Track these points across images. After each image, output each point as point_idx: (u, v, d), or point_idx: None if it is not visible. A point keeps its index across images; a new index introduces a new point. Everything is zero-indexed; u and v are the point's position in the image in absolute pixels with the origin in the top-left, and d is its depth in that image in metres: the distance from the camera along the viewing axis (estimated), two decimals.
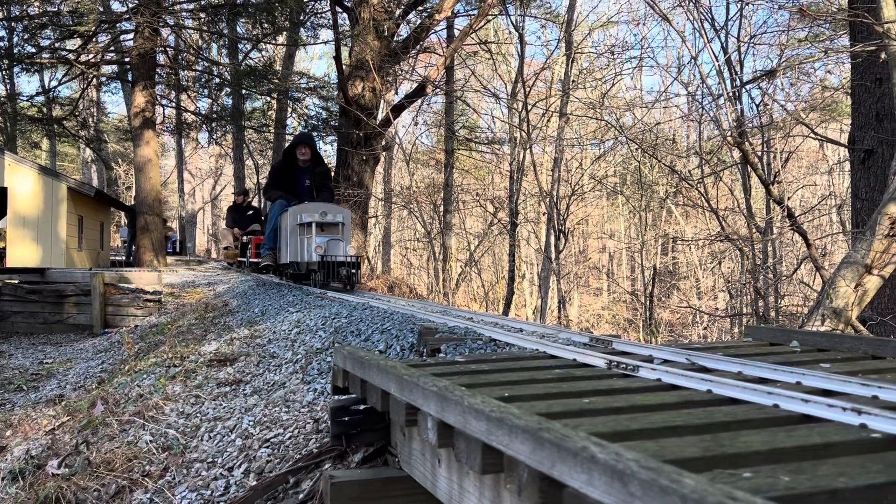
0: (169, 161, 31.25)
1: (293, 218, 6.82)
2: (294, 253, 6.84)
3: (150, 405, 3.31)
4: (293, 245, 6.86)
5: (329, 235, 6.53)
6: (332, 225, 6.69)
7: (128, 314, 8.78)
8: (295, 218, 6.79)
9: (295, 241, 6.83)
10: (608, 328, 19.53)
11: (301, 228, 6.73)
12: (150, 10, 12.97)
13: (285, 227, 7.19)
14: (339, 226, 6.71)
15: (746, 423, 1.41)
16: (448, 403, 1.41)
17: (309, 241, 6.59)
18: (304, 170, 7.71)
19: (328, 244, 6.41)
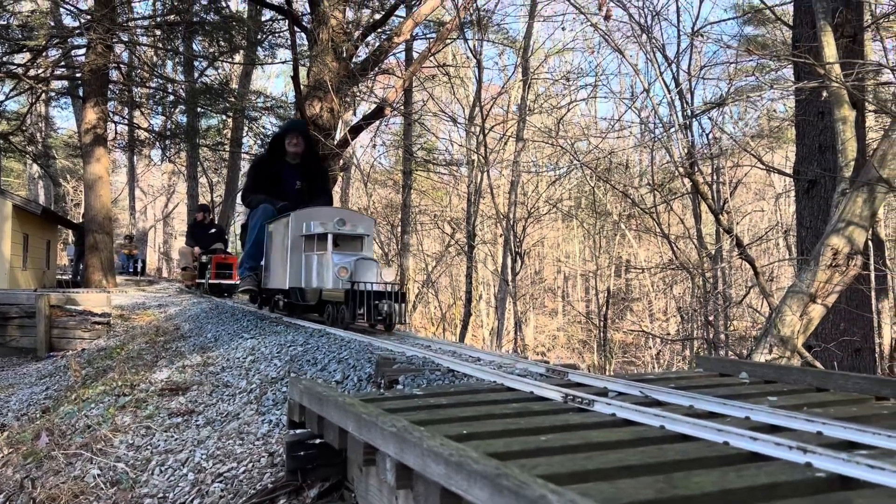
0: (120, 178, 30.61)
1: (295, 227, 5.12)
2: (295, 276, 5.17)
3: (99, 437, 3.22)
4: (294, 265, 5.18)
5: (350, 253, 4.83)
6: (351, 238, 4.99)
7: (75, 337, 8.52)
8: (298, 228, 5.12)
9: (297, 259, 5.16)
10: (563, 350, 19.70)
11: (307, 242, 5.09)
12: (104, 26, 12.75)
13: (277, 240, 5.56)
14: (360, 240, 5.03)
15: (698, 461, 1.44)
16: (407, 445, 1.41)
17: (322, 261, 4.87)
18: (295, 167, 6.14)
19: (356, 265, 4.60)
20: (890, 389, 2.18)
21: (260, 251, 5.91)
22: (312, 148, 6.24)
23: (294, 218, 5.13)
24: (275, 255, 5.68)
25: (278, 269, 5.51)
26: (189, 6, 14.44)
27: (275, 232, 5.66)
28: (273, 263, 5.73)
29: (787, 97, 8.46)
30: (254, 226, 5.92)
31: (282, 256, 5.39)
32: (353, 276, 4.50)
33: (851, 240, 4.11)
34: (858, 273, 4.21)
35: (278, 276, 5.51)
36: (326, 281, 4.76)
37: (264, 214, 5.85)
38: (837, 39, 5.10)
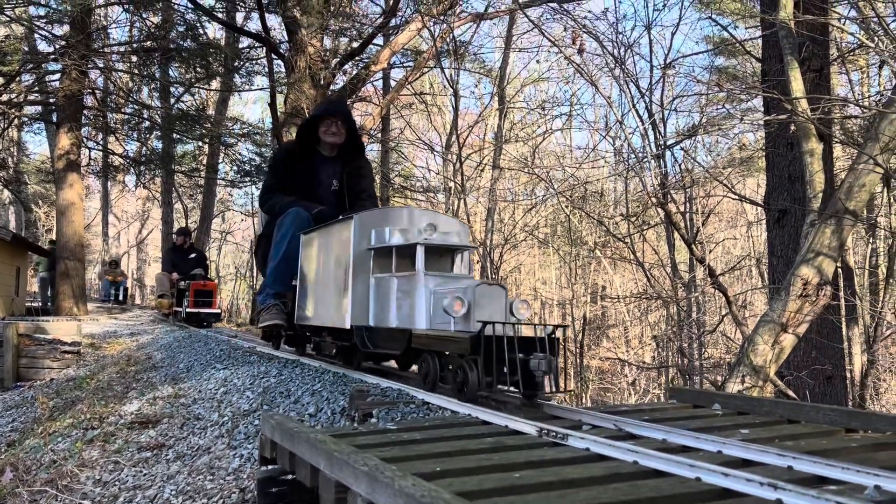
0: (93, 203, 30.25)
1: (358, 238, 3.50)
2: (360, 310, 3.48)
3: (65, 472, 3.14)
4: (358, 294, 3.49)
5: (447, 275, 3.31)
6: (441, 253, 3.43)
7: (43, 366, 8.34)
8: (363, 237, 3.50)
9: (362, 285, 3.50)
10: None
11: (379, 259, 3.47)
12: (79, 51, 12.69)
13: (322, 257, 3.95)
14: (452, 255, 3.51)
15: (671, 498, 1.44)
16: (378, 485, 1.40)
17: (410, 287, 3.24)
18: (332, 162, 4.66)
19: (476, 294, 2.96)
20: (859, 421, 2.21)
21: (290, 271, 4.32)
22: (356, 138, 4.67)
23: (358, 224, 3.45)
24: (318, 279, 3.95)
25: (326, 299, 3.77)
26: (166, 33, 14.43)
27: (317, 246, 3.98)
28: (315, 290, 3.98)
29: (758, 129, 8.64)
30: (282, 237, 4.30)
31: (334, 280, 3.67)
32: (473, 312, 2.85)
33: (821, 270, 4.18)
34: (828, 302, 4.27)
35: (326, 308, 3.78)
36: (418, 318, 3.12)
37: (296, 222, 4.27)
38: (804, 73, 5.24)
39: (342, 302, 3.58)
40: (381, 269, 3.49)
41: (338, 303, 3.66)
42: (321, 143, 4.66)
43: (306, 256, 4.25)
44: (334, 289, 3.72)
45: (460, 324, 2.90)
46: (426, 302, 3.15)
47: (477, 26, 13.47)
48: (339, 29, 13.60)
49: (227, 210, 28.04)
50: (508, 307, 2.96)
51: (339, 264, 3.67)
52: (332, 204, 4.61)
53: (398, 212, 3.71)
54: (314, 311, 4.06)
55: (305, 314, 4.21)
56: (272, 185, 4.71)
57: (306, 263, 4.27)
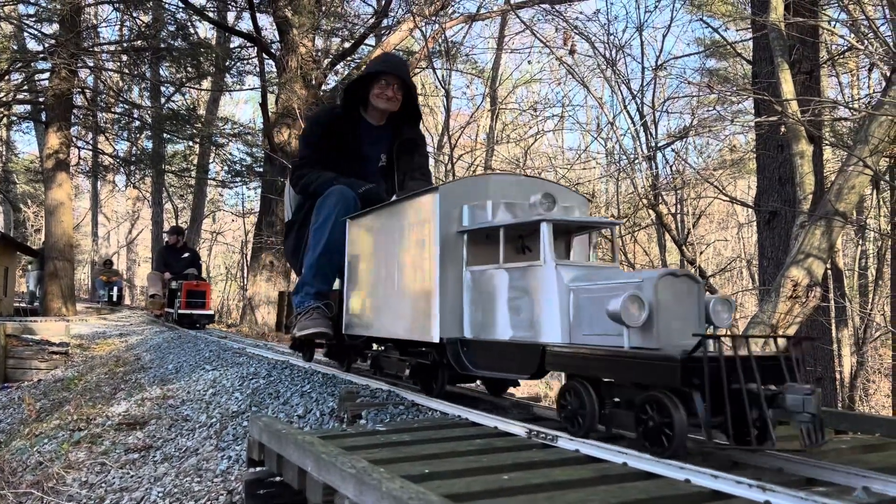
0: (83, 203, 30.10)
1: (444, 217, 2.60)
2: (452, 318, 2.56)
3: (51, 474, 3.11)
4: (449, 294, 2.57)
5: (590, 268, 2.32)
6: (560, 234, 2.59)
7: (31, 367, 8.27)
8: (448, 216, 2.61)
9: (454, 282, 2.59)
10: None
11: (474, 245, 2.60)
12: (69, 50, 12.63)
13: (386, 247, 2.98)
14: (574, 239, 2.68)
15: (660, 500, 1.44)
16: (366, 487, 1.38)
17: (530, 282, 2.31)
18: (381, 132, 3.84)
19: (658, 291, 1.96)
20: (848, 423, 2.21)
21: (333, 265, 3.47)
22: (414, 105, 3.84)
23: (444, 198, 2.56)
24: (378, 276, 3.02)
25: (395, 303, 2.85)
26: (156, 32, 14.38)
27: (374, 233, 3.09)
28: (375, 291, 3.05)
29: (749, 130, 8.68)
30: (323, 222, 3.43)
31: (407, 277, 2.77)
32: (656, 318, 1.93)
33: (810, 271, 4.19)
34: (818, 304, 4.29)
35: (396, 315, 2.85)
36: (547, 327, 2.19)
37: (340, 204, 3.41)
38: (795, 75, 5.26)
39: (424, 307, 2.59)
40: (478, 258, 2.54)
41: (416, 308, 2.67)
42: (369, 109, 3.78)
43: (356, 247, 3.27)
44: (408, 289, 2.74)
45: (636, 337, 1.90)
46: (562, 303, 2.17)
47: (469, 27, 13.49)
48: (331, 29, 13.58)
49: (218, 210, 27.97)
50: (704, 310, 2.01)
51: (416, 255, 2.69)
52: (379, 183, 3.75)
53: (494, 180, 2.73)
54: (374, 318, 3.03)
55: (359, 322, 3.20)
56: (307, 158, 3.76)
57: (357, 256, 3.26)
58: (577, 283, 2.19)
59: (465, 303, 2.55)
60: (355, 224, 3.33)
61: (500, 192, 2.66)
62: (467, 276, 2.56)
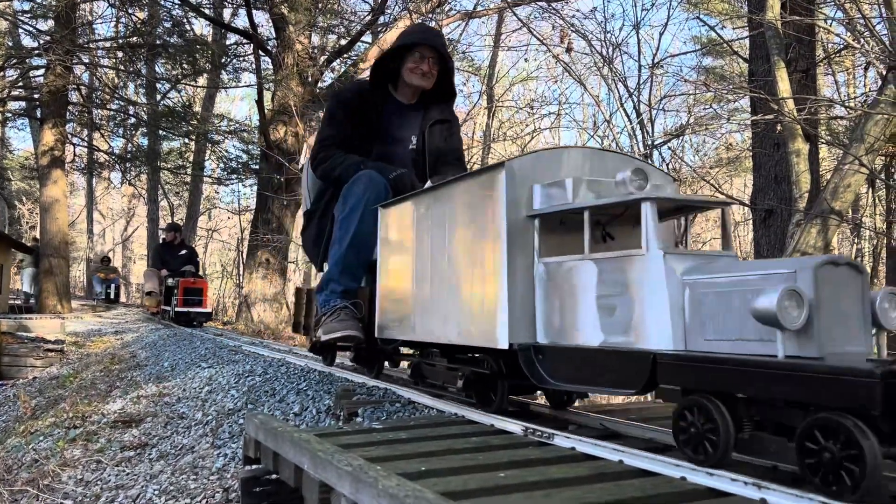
0: (78, 200, 30.02)
1: (511, 197, 2.12)
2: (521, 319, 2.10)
3: (46, 472, 3.11)
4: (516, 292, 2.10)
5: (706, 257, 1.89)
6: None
7: (26, 365, 8.26)
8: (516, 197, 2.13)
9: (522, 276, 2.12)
10: None
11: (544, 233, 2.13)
12: (64, 47, 12.58)
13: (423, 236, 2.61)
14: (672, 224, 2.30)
15: (656, 497, 1.44)
16: (362, 485, 1.38)
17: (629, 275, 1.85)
18: (413, 111, 3.47)
19: (818, 284, 1.52)
20: None
21: (362, 258, 3.09)
22: (449, 82, 3.47)
23: (512, 176, 2.14)
24: (423, 271, 2.59)
25: (446, 302, 2.43)
26: (152, 29, 14.34)
27: (416, 220, 2.65)
28: (419, 289, 2.60)
29: (745, 129, 8.69)
30: (350, 211, 3.03)
31: (463, 271, 2.35)
32: (817, 319, 1.51)
33: None
34: None
35: (447, 316, 2.42)
36: (654, 330, 1.80)
37: (370, 190, 3.02)
38: (791, 74, 5.27)
39: (486, 307, 2.16)
40: (552, 248, 2.11)
41: (474, 308, 2.23)
42: (399, 86, 3.41)
43: (391, 238, 2.84)
44: (463, 286, 2.29)
45: (792, 343, 1.51)
46: (673, 301, 1.76)
47: (466, 24, 13.48)
48: (327, 26, 13.56)
49: (214, 208, 27.92)
50: (870, 307, 1.60)
51: (474, 245, 2.24)
52: (408, 168, 3.34)
53: (571, 155, 2.26)
54: (416, 320, 2.56)
55: (396, 324, 2.73)
56: (330, 139, 3.34)
57: (392, 249, 2.83)
58: (694, 276, 1.76)
59: (538, 301, 2.10)
60: (389, 213, 2.86)
61: (576, 168, 2.24)
62: (540, 270, 2.11)
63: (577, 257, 2.00)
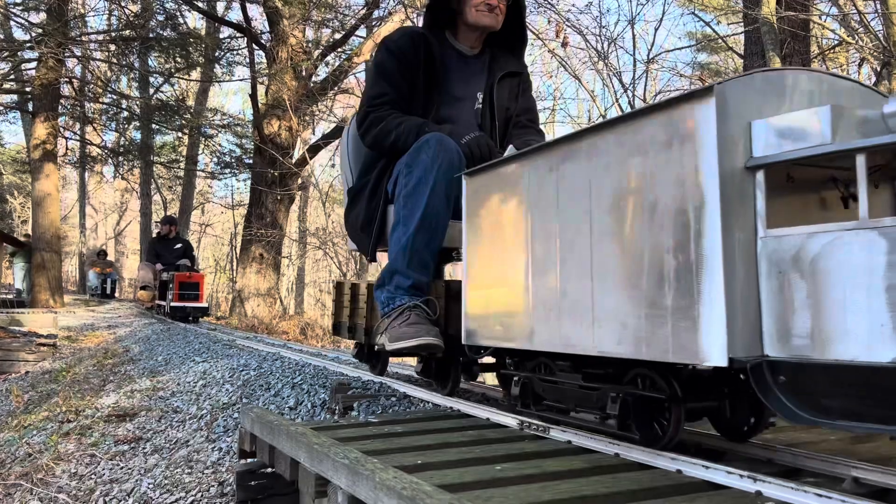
0: (70, 194, 29.88)
1: (723, 138, 1.37)
2: (746, 322, 1.36)
3: (40, 466, 3.10)
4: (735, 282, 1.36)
5: None
6: None
7: (18, 359, 8.22)
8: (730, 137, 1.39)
9: (743, 258, 1.38)
10: None
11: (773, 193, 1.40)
12: (56, 39, 12.50)
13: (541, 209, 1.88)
14: None
15: (652, 490, 1.44)
16: (359, 478, 1.38)
17: None
18: (474, 64, 2.89)
19: None
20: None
21: (435, 243, 2.52)
22: (521, 22, 2.95)
23: (721, 106, 1.41)
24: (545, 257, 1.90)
25: (589, 299, 1.71)
26: (145, 22, 14.26)
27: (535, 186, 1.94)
28: (537, 281, 1.93)
29: None
30: (418, 184, 2.45)
31: (636, 256, 1.58)
32: None
33: None
34: None
35: (598, 319, 1.68)
36: None
37: (443, 156, 2.45)
38: None
39: (683, 304, 1.48)
40: (779, 215, 1.47)
41: (655, 307, 1.53)
42: (460, 33, 2.83)
43: (484, 215, 2.16)
44: (635, 275, 1.59)
45: None
46: None
47: None
48: (322, 19, 13.51)
49: (207, 202, 27.83)
50: None
51: (653, 216, 1.55)
52: (472, 129, 2.73)
53: (794, 80, 1.56)
54: (539, 323, 1.89)
55: (498, 329, 2.08)
56: (382, 97, 2.72)
57: (486, 228, 2.15)
58: None
59: (765, 294, 1.43)
60: (482, 181, 2.18)
61: (804, 98, 1.56)
62: (768, 247, 1.43)
63: (844, 226, 1.32)
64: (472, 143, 2.55)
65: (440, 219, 2.46)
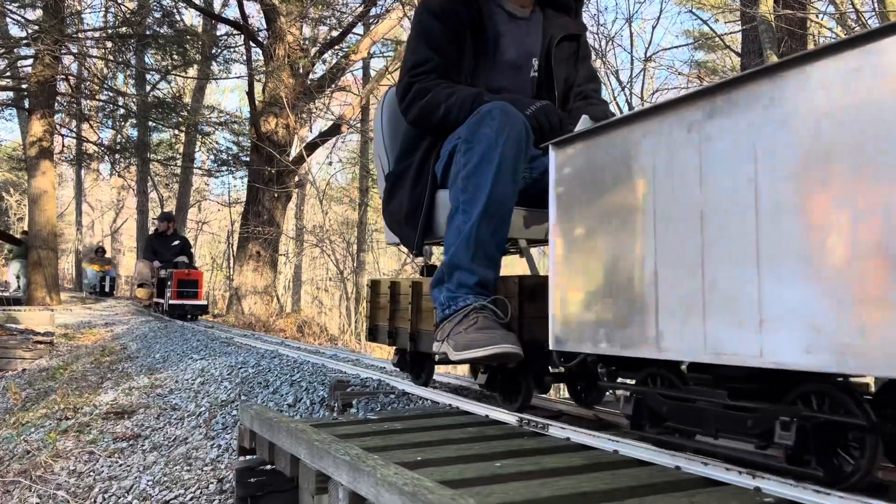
0: (67, 192, 29.80)
1: None
2: None
3: (38, 463, 3.10)
4: None
5: None
6: None
7: (15, 357, 8.20)
8: None
9: None
10: None
11: None
12: (52, 36, 12.47)
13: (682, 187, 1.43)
14: None
15: (651, 487, 1.45)
16: (360, 474, 1.39)
17: None
18: (527, 27, 2.48)
19: None
20: None
21: (502, 232, 2.13)
22: None
23: None
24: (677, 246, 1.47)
25: (749, 296, 1.29)
26: (142, 19, 14.22)
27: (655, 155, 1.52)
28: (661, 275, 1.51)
29: None
30: (481, 161, 2.05)
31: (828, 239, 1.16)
32: None
33: None
34: None
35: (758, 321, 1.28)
36: None
37: (509, 128, 2.04)
38: None
39: None
40: None
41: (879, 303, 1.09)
42: None
43: (583, 193, 1.75)
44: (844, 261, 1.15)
45: None
46: None
47: None
48: (319, 17, 13.49)
49: (204, 200, 27.78)
50: None
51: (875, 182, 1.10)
52: (528, 95, 2.46)
53: None
54: (669, 324, 1.50)
55: (605, 333, 1.69)
56: (426, 64, 2.35)
57: (589, 210, 1.74)
58: None
59: None
60: (576, 150, 1.78)
61: None
62: None
63: None
64: (539, 113, 2.15)
65: (507, 203, 2.07)
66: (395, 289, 2.82)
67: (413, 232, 2.38)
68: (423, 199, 2.33)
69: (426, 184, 2.34)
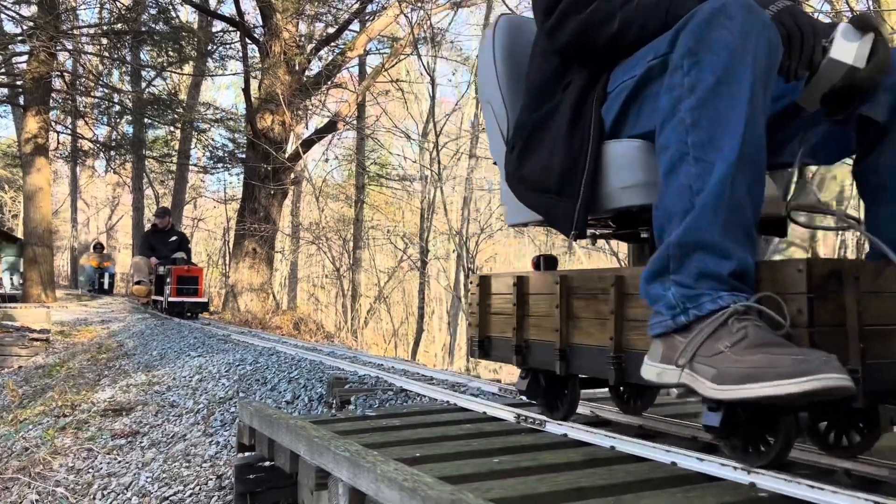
0: (62, 189, 29.70)
1: None
2: None
3: (37, 460, 3.10)
4: None
5: None
6: None
7: (11, 354, 8.19)
8: None
9: None
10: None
11: None
12: (47, 33, 12.43)
13: None
14: None
15: (647, 482, 1.47)
16: (360, 470, 1.40)
17: None
18: None
19: None
20: None
21: (758, 191, 1.28)
22: None
23: None
24: None
25: None
26: (137, 15, 14.18)
27: None
28: None
29: None
30: (718, 84, 1.25)
31: None
32: None
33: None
34: None
35: None
36: None
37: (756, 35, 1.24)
38: None
39: None
40: None
41: None
42: None
43: None
44: None
45: None
46: None
47: (455, 13, 13.44)
48: (315, 14, 13.47)
49: (200, 196, 27.71)
50: None
51: None
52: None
53: None
54: None
55: None
56: None
57: None
58: None
59: None
60: None
61: None
62: None
63: None
64: (785, 14, 1.36)
65: (763, 148, 1.32)
66: (522, 287, 1.97)
67: (571, 203, 1.63)
68: (585, 156, 1.61)
69: (587, 133, 1.62)
